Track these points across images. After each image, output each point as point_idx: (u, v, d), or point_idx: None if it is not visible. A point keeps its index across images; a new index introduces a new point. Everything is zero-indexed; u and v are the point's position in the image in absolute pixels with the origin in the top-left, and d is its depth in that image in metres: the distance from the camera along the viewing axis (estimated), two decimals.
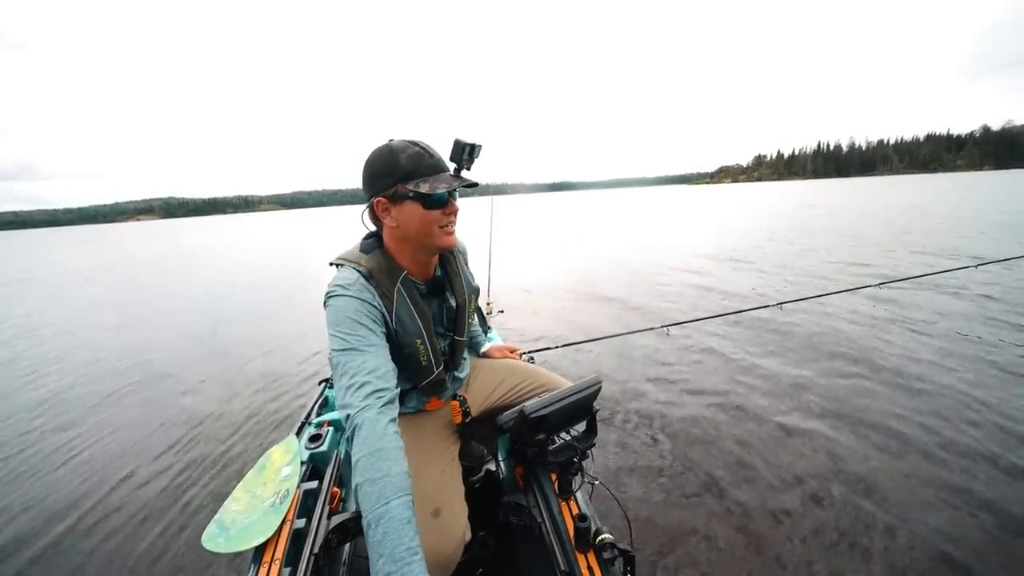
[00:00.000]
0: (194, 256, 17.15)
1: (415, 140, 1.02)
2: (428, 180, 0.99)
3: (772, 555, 1.80)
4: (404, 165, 0.98)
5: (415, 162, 0.98)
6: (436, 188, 0.98)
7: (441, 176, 1.00)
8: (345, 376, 0.93)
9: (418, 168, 0.99)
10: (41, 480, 2.61)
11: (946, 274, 4.48)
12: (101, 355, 4.95)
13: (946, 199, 21.59)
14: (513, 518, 1.19)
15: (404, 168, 0.98)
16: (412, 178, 0.98)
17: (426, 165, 0.99)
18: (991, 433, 2.48)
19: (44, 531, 2.19)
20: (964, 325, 4.15)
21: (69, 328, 6.38)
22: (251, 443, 2.86)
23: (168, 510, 2.28)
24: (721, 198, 42.50)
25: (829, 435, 2.56)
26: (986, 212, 14.55)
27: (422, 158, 0.99)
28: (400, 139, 1.02)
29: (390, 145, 1.01)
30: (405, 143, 1.00)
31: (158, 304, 7.77)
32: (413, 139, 1.02)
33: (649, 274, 7.71)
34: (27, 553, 2.06)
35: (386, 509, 0.76)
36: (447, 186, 0.99)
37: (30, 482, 2.59)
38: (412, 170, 0.98)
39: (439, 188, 0.98)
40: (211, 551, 1.01)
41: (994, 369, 3.23)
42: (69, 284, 11.53)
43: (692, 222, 18.44)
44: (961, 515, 1.93)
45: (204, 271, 12.47)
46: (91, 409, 3.55)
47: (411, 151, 0.99)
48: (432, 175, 1.00)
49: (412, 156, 0.98)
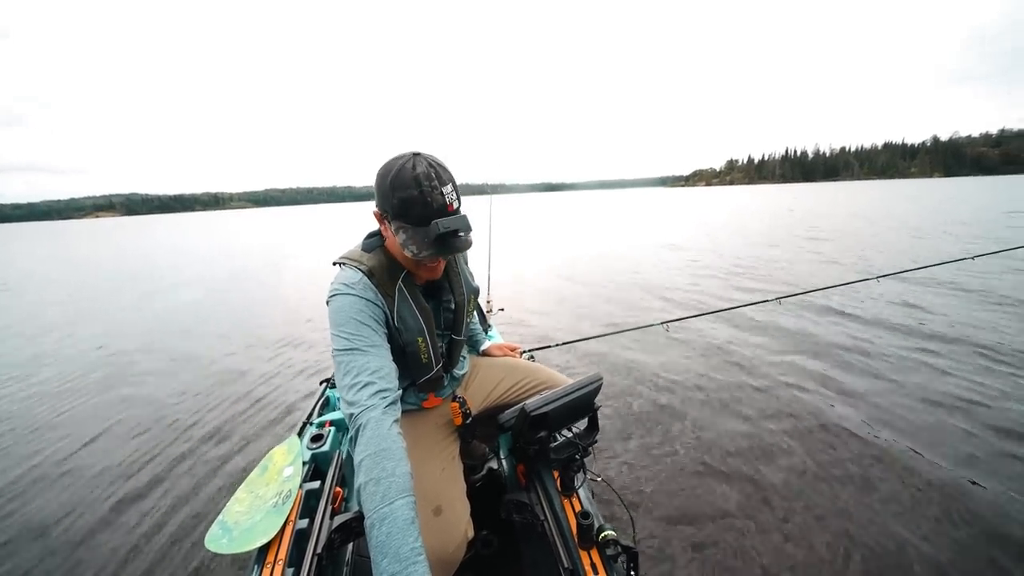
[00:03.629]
0: (183, 255, 17.07)
1: (425, 174, 0.91)
2: (409, 231, 0.93)
3: (775, 553, 1.80)
4: (396, 205, 0.92)
5: (404, 207, 0.91)
6: (408, 246, 0.93)
7: (420, 233, 0.92)
8: (349, 375, 0.93)
9: (407, 214, 0.92)
10: (41, 480, 2.61)
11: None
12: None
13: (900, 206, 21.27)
14: (516, 516, 1.20)
15: (394, 206, 0.93)
16: (399, 219, 0.94)
17: (415, 215, 0.91)
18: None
19: (44, 532, 2.19)
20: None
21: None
22: (251, 444, 2.86)
23: (170, 511, 2.28)
24: (701, 201, 42.46)
25: (834, 437, 2.57)
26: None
27: (413, 206, 0.91)
28: (421, 164, 0.92)
29: (397, 171, 0.92)
30: (410, 177, 0.90)
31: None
32: (428, 170, 0.91)
33: (647, 272, 7.72)
34: (27, 553, 2.06)
35: (390, 510, 0.77)
36: (415, 250, 0.93)
37: (29, 481, 2.59)
38: (400, 213, 0.93)
39: (409, 247, 0.93)
40: (214, 552, 1.01)
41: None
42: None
43: (681, 222, 18.48)
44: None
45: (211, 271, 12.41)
46: (83, 414, 3.55)
47: (407, 193, 0.90)
48: (417, 226, 0.92)
49: (405, 200, 0.91)
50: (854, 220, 15.37)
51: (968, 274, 5.93)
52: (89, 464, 2.78)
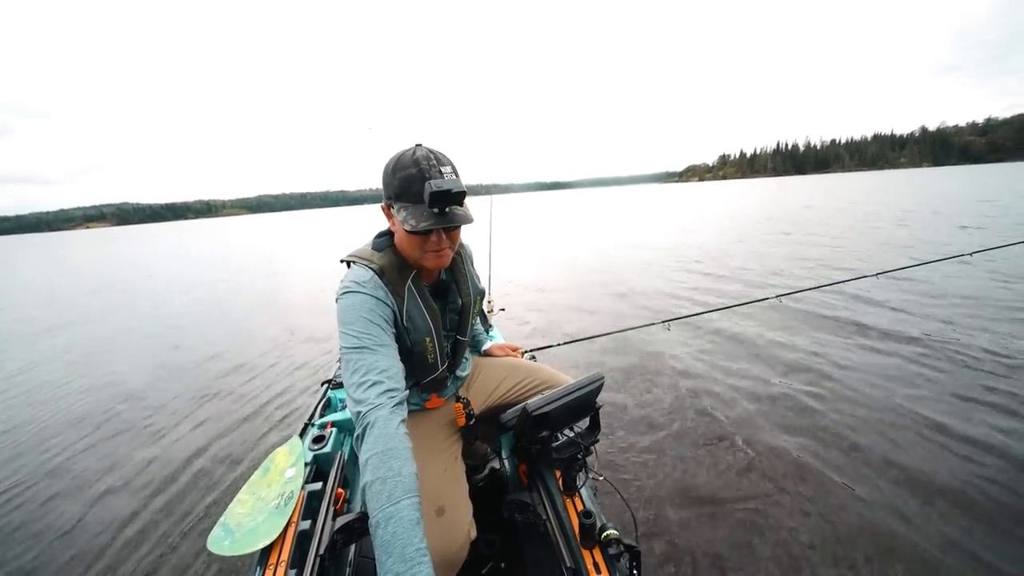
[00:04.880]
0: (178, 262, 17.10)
1: (424, 156, 0.95)
2: (409, 207, 0.95)
3: (778, 552, 1.79)
4: (395, 184, 0.96)
5: (405, 185, 0.95)
6: (408, 220, 0.95)
7: (420, 208, 0.94)
8: (357, 373, 0.93)
9: (406, 191, 0.95)
10: (40, 482, 2.61)
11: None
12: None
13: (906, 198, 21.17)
14: (518, 516, 1.19)
15: (395, 187, 0.96)
16: (400, 199, 0.96)
17: (413, 192, 0.94)
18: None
19: (43, 534, 2.19)
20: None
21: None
22: (252, 444, 2.87)
23: (170, 513, 2.28)
24: (699, 196, 42.07)
25: (838, 438, 2.56)
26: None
27: (412, 182, 0.94)
28: (423, 149, 0.97)
29: (399, 156, 0.97)
30: (410, 160, 0.95)
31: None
32: (428, 153, 0.96)
33: (645, 270, 7.71)
34: (27, 554, 2.07)
35: (396, 509, 0.77)
36: (414, 223, 0.94)
37: (30, 481, 2.60)
38: (400, 192, 0.96)
39: (408, 222, 0.94)
40: (216, 554, 1.01)
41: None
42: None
43: (678, 220, 18.47)
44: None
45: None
46: (75, 420, 3.55)
47: (407, 172, 0.94)
48: (415, 204, 0.95)
49: (405, 178, 0.94)
50: (914, 216, 12.69)
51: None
52: (90, 463, 2.78)
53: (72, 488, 2.57)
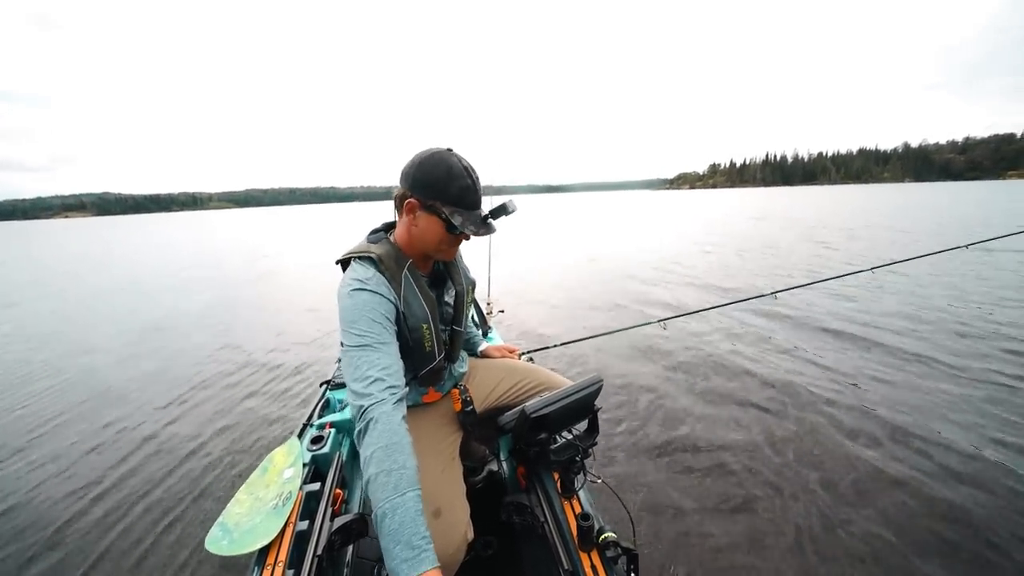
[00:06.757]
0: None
1: (469, 166, 1.05)
2: (463, 214, 1.03)
3: (777, 553, 1.80)
4: (453, 192, 1.02)
5: (462, 195, 1.03)
6: (465, 226, 1.03)
7: (474, 216, 1.05)
8: (360, 370, 0.94)
9: (461, 200, 1.03)
10: (41, 482, 2.61)
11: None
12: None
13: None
14: (516, 518, 1.20)
15: (452, 195, 1.02)
16: (455, 205, 1.03)
17: (468, 201, 1.04)
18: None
19: (43, 535, 2.18)
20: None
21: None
22: (251, 445, 2.86)
23: (169, 512, 2.28)
24: (694, 204, 41.76)
25: (843, 437, 2.57)
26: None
27: (468, 193, 1.03)
28: (459, 159, 1.05)
29: (450, 164, 1.02)
30: (462, 169, 1.03)
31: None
32: (468, 165, 1.05)
33: (642, 271, 7.72)
34: (26, 555, 2.06)
35: (403, 500, 0.80)
36: (474, 229, 1.04)
37: (28, 482, 2.59)
38: (456, 200, 1.03)
39: (467, 227, 1.03)
40: (214, 554, 1.01)
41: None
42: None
43: (674, 225, 18.48)
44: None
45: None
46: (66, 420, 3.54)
47: (463, 183, 1.03)
48: (468, 211, 1.05)
49: (462, 189, 1.02)
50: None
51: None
52: (89, 464, 2.78)
53: (68, 489, 2.56)
